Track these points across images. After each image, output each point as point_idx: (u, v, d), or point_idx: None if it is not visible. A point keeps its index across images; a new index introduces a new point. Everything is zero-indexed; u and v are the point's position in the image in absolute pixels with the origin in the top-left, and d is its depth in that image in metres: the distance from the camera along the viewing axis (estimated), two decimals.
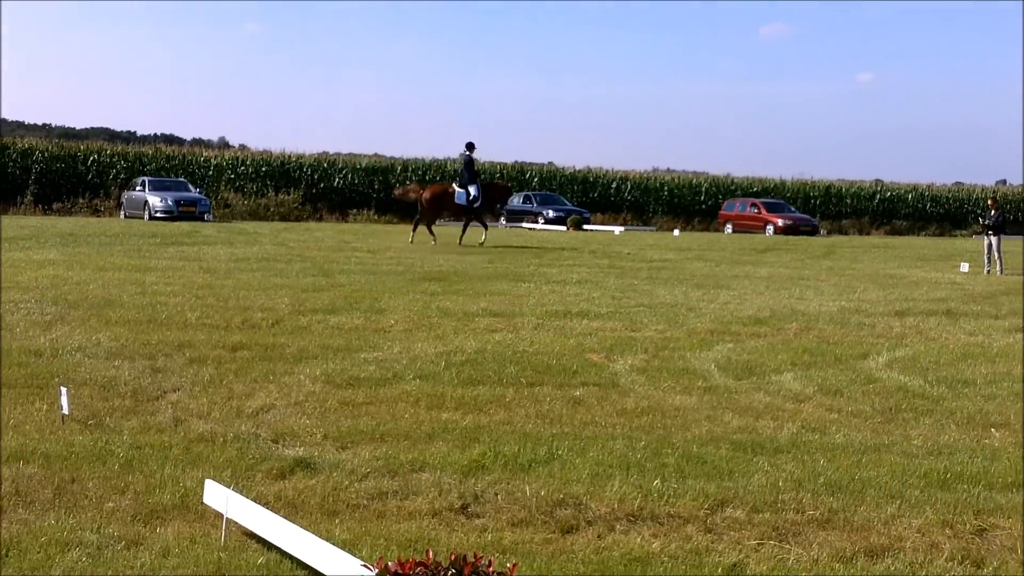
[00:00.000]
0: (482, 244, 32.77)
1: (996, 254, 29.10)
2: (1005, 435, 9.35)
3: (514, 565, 4.43)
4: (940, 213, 70.01)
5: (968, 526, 6.84)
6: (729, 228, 56.89)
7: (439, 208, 33.79)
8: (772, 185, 69.81)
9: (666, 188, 66.88)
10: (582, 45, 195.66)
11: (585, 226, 51.87)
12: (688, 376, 11.46)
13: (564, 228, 50.09)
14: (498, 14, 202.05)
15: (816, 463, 8.13)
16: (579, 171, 68.02)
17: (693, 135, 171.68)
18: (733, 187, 68.36)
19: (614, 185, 66.11)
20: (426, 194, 33.52)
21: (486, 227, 33.90)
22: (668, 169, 78.29)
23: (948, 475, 7.93)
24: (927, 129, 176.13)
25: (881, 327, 15.88)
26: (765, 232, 53.74)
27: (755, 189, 67.90)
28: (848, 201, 69.36)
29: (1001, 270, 28.74)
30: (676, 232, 52.90)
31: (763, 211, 56.35)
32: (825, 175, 75.88)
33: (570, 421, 9.28)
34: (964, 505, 7.23)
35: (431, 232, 33.18)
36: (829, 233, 60.16)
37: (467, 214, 33.81)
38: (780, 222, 54.57)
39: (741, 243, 41.72)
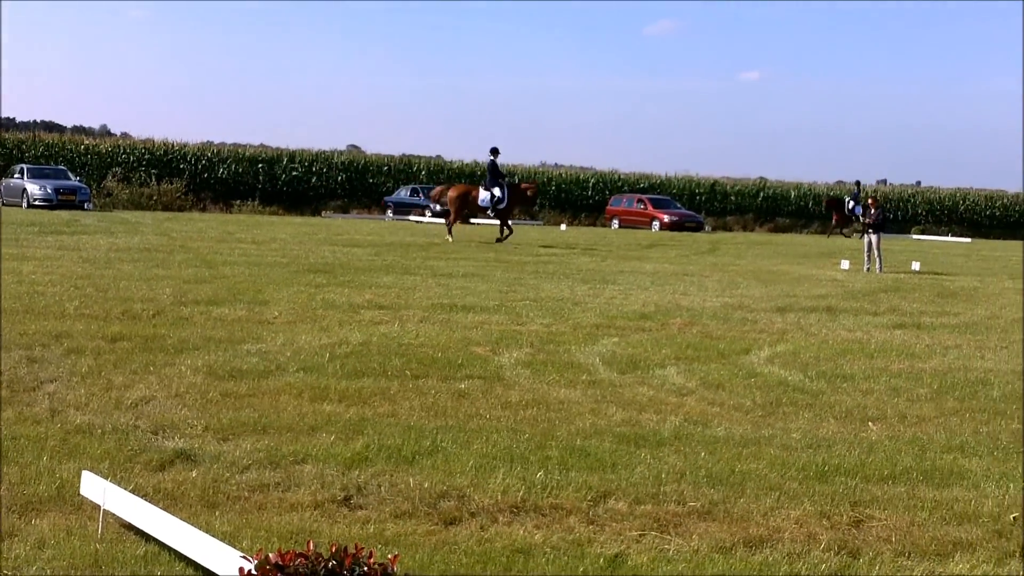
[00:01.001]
0: (499, 241, 33.30)
1: (876, 252, 29.64)
2: (882, 428, 9.54)
3: (395, 556, 4.41)
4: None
5: (845, 517, 6.96)
6: (615, 223, 57.31)
7: (462, 208, 34.61)
8: (658, 181, 70.47)
9: (553, 183, 67.17)
10: (468, 38, 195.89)
11: (472, 220, 51.85)
12: (573, 370, 11.52)
13: None
14: (387, 7, 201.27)
15: (698, 456, 8.22)
16: (467, 165, 68.05)
17: (580, 131, 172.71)
18: (620, 183, 68.86)
19: None
20: (451, 193, 34.71)
21: (510, 229, 34.12)
22: (556, 164, 78.61)
23: (826, 467, 8.06)
24: (811, 128, 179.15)
25: (763, 323, 16.11)
26: (651, 228, 54.25)
27: (641, 185, 68.46)
28: (732, 198, 70.29)
29: (881, 268, 29.30)
30: (563, 227, 53.19)
31: (649, 207, 56.88)
32: (710, 172, 76.91)
33: (455, 414, 9.27)
34: (841, 497, 7.36)
35: (450, 230, 34.07)
36: (714, 229, 60.90)
37: (494, 215, 34.45)
38: (666, 218, 55.14)
39: (627, 238, 42.08)
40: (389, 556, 4.42)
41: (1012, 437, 9.41)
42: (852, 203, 55.15)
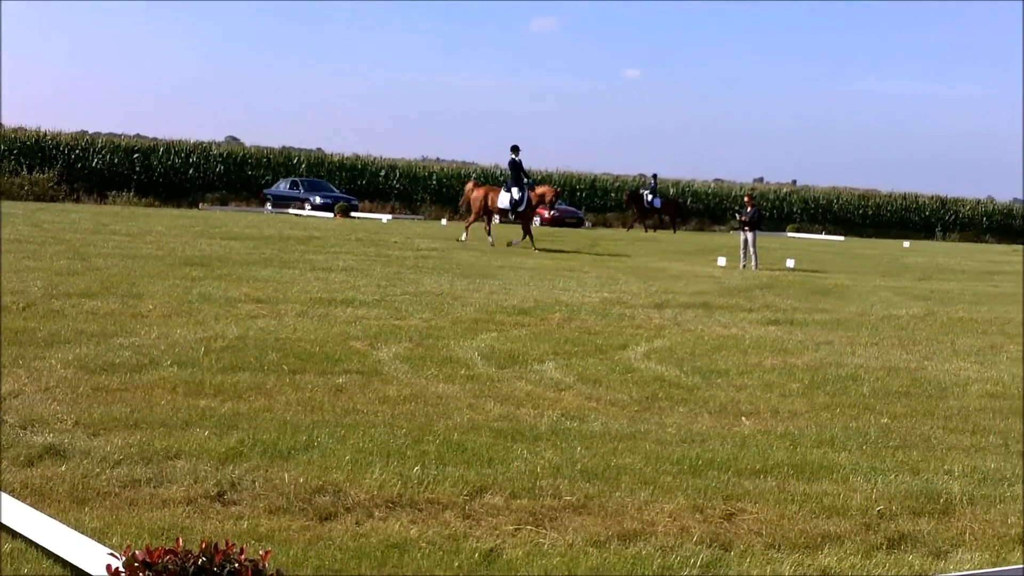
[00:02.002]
0: (510, 244, 33.33)
1: (752, 249, 30.05)
2: (754, 423, 9.69)
3: (266, 552, 4.37)
4: (700, 209, 72.06)
5: (717, 511, 7.06)
6: (496, 219, 57.37)
7: (484, 208, 34.58)
8: (539, 177, 70.73)
9: (435, 177, 67.07)
10: (351, 31, 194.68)
11: (353, 213, 51.58)
12: (451, 364, 11.52)
13: (331, 215, 49.70)
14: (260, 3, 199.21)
15: (574, 450, 8.28)
16: (347, 158, 67.63)
17: (462, 125, 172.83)
18: (501, 178, 68.83)
19: (383, 173, 66.01)
20: (475, 193, 35.00)
21: (530, 236, 33.71)
22: (437, 159, 78.63)
23: (700, 462, 8.17)
24: (690, 125, 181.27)
25: (641, 318, 16.26)
26: (532, 223, 54.39)
27: None
28: (612, 195, 70.80)
29: (756, 265, 29.72)
30: (444, 222, 53.13)
31: None
32: (591, 168, 77.38)
33: (331, 408, 9.22)
34: (714, 491, 7.46)
35: (467, 231, 34.53)
36: (594, 226, 61.28)
37: (515, 217, 34.28)
38: (546, 214, 55.32)
39: (508, 234, 42.14)
40: (260, 552, 4.38)
41: (881, 432, 9.61)
42: (650, 196, 56.59)
